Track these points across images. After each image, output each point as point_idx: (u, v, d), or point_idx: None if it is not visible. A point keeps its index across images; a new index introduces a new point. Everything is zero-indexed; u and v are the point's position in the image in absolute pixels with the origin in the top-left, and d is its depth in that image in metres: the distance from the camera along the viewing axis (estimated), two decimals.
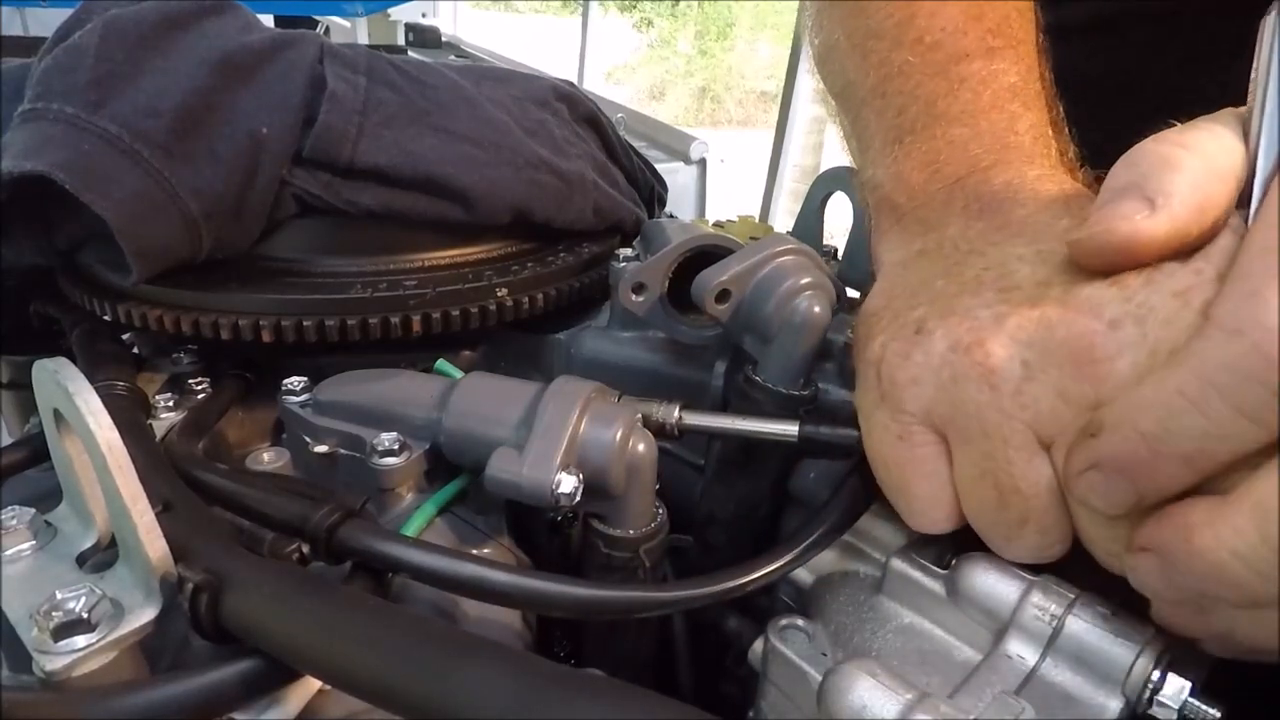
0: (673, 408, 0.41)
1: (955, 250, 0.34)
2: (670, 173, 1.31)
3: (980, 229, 0.34)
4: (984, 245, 0.33)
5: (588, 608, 0.32)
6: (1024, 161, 0.36)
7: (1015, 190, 0.34)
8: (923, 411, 0.31)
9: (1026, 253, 0.31)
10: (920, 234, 0.37)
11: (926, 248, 0.36)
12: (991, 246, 0.33)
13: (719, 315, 0.41)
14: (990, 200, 0.35)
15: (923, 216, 0.37)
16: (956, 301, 0.31)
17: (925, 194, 0.38)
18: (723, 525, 0.45)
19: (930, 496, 0.32)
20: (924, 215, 0.37)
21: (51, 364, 0.28)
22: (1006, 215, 0.34)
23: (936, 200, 0.37)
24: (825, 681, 0.29)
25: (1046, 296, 0.29)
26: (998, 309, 0.30)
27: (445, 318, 0.49)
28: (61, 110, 0.44)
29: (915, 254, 0.36)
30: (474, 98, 0.54)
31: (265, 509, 0.35)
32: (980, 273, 0.32)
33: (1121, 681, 0.29)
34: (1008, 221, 0.33)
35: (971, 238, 0.34)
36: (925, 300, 0.33)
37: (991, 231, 0.33)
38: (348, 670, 0.26)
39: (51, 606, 0.27)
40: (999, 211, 0.34)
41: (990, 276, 0.31)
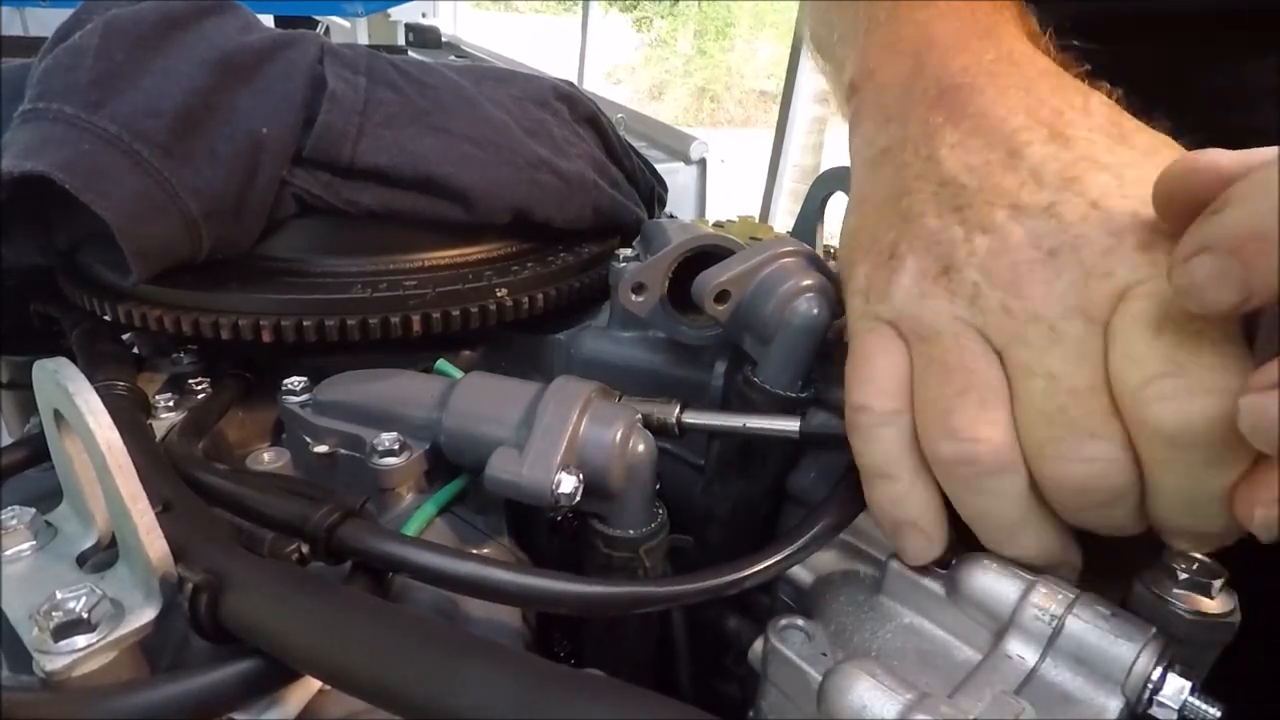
0: (673, 407, 0.41)
1: (916, 156, 0.35)
2: (670, 173, 1.31)
3: (939, 124, 0.35)
4: (941, 148, 0.34)
5: (587, 604, 0.32)
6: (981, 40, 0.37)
7: (973, 76, 0.36)
8: (893, 318, 0.34)
9: (977, 163, 0.33)
10: (883, 125, 0.38)
11: (890, 145, 0.37)
12: (948, 152, 0.34)
13: (718, 315, 0.41)
14: (949, 87, 0.36)
15: (884, 103, 0.39)
16: (921, 224, 0.34)
17: (886, 77, 0.39)
18: (722, 524, 0.45)
19: (885, 370, 0.33)
20: (885, 102, 0.39)
21: (51, 364, 0.28)
22: (965, 106, 0.35)
23: (896, 87, 0.38)
24: (825, 681, 0.29)
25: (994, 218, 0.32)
26: (953, 232, 0.33)
27: (445, 318, 0.49)
28: (61, 110, 0.44)
29: (880, 153, 0.38)
30: (474, 98, 0.54)
31: (265, 509, 0.35)
32: (938, 189, 0.34)
33: (1121, 681, 0.29)
34: (965, 113, 0.35)
35: (931, 135, 0.35)
36: (895, 222, 0.35)
37: (949, 128, 0.35)
38: (348, 670, 0.26)
39: (51, 606, 0.27)
40: (956, 100, 0.35)
41: (947, 194, 0.33)
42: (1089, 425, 0.28)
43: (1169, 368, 0.26)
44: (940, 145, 0.34)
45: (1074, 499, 0.30)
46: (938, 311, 0.32)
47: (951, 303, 0.32)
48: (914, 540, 0.34)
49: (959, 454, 0.30)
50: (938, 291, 0.32)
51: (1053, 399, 0.29)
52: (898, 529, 0.34)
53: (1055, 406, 0.29)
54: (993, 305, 0.31)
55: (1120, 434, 0.28)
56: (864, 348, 0.34)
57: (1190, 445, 0.26)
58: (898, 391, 0.33)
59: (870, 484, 0.34)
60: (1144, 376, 0.27)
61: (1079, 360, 0.28)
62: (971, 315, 0.31)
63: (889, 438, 0.33)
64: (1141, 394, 0.27)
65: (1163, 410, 0.26)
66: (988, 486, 0.31)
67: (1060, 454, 0.29)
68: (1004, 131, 0.33)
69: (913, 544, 0.34)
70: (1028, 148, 0.32)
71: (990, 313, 0.31)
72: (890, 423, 0.33)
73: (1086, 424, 0.28)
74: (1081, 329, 0.29)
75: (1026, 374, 0.29)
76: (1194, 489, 0.28)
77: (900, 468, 0.33)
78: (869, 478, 0.34)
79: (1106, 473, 0.28)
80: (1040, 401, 0.29)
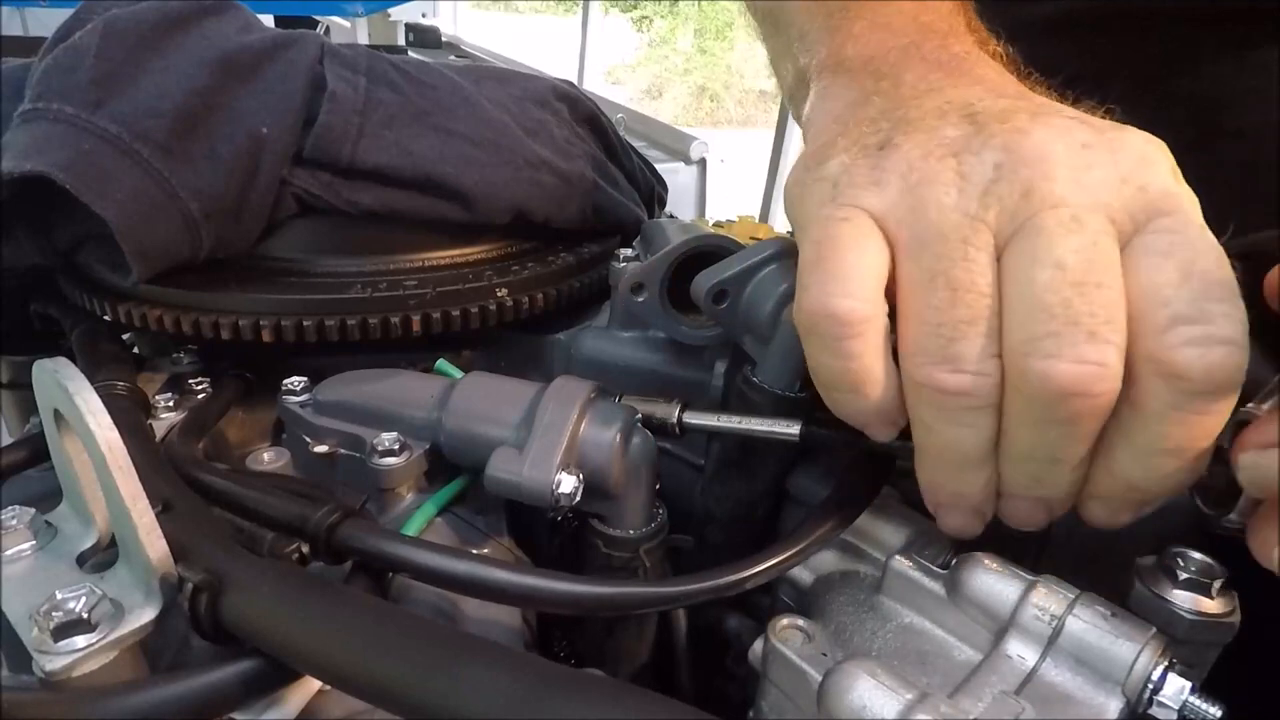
0: (673, 408, 0.41)
1: (914, 91, 0.33)
2: (670, 173, 1.31)
3: (939, 78, 0.33)
4: (946, 88, 0.32)
5: (587, 604, 0.32)
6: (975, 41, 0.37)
7: (975, 59, 0.34)
8: (879, 212, 0.30)
9: (987, 95, 0.31)
10: (874, 81, 0.35)
11: (881, 88, 0.34)
12: (952, 88, 0.32)
13: (716, 315, 0.41)
14: (949, 60, 0.34)
15: (875, 68, 0.36)
16: (922, 123, 0.30)
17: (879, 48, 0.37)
18: (722, 525, 0.45)
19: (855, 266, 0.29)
20: (877, 67, 0.36)
21: (51, 364, 0.28)
22: (969, 72, 0.33)
23: (891, 55, 0.36)
24: (825, 681, 0.29)
25: (1015, 116, 0.29)
26: (965, 128, 0.29)
27: (445, 318, 0.49)
28: (61, 110, 0.44)
29: (867, 94, 0.35)
30: (474, 98, 0.54)
31: (265, 509, 0.35)
32: (943, 104, 0.31)
33: (1121, 681, 0.29)
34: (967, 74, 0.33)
35: (930, 83, 0.33)
36: (888, 125, 0.31)
37: (948, 79, 0.33)
38: (348, 670, 0.26)
39: (51, 606, 0.27)
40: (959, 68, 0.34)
41: (953, 108, 0.31)
42: (1090, 325, 0.26)
43: (1196, 313, 0.26)
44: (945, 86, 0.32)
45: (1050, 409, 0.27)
46: (944, 206, 0.28)
47: (961, 192, 0.28)
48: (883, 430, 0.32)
49: (958, 385, 0.28)
50: (944, 174, 0.28)
51: (1057, 292, 0.26)
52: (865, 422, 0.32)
53: (1059, 300, 0.26)
54: (1013, 189, 0.27)
55: (1120, 348, 0.26)
56: (833, 237, 0.30)
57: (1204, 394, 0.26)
58: (871, 295, 0.29)
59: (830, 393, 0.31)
60: (1171, 317, 0.26)
61: (1093, 255, 0.26)
62: (984, 208, 0.28)
63: (859, 352, 0.29)
64: (1168, 335, 0.26)
65: (1188, 355, 0.25)
66: (971, 420, 0.28)
67: (1054, 351, 0.26)
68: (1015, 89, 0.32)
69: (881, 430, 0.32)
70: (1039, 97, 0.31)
71: (1007, 198, 0.28)
72: (859, 334, 0.29)
73: (1088, 324, 0.26)
74: (1104, 226, 0.27)
75: (1031, 263, 0.27)
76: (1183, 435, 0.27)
77: (871, 384, 0.30)
78: (829, 388, 0.31)
79: (1101, 378, 0.26)
80: (1042, 293, 0.26)
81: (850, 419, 0.32)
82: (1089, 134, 0.28)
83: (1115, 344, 0.26)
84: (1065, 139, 0.28)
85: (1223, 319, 0.26)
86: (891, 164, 0.30)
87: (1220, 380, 0.26)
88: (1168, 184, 0.28)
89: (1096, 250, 0.27)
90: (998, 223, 0.28)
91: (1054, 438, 0.28)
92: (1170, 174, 0.28)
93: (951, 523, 0.32)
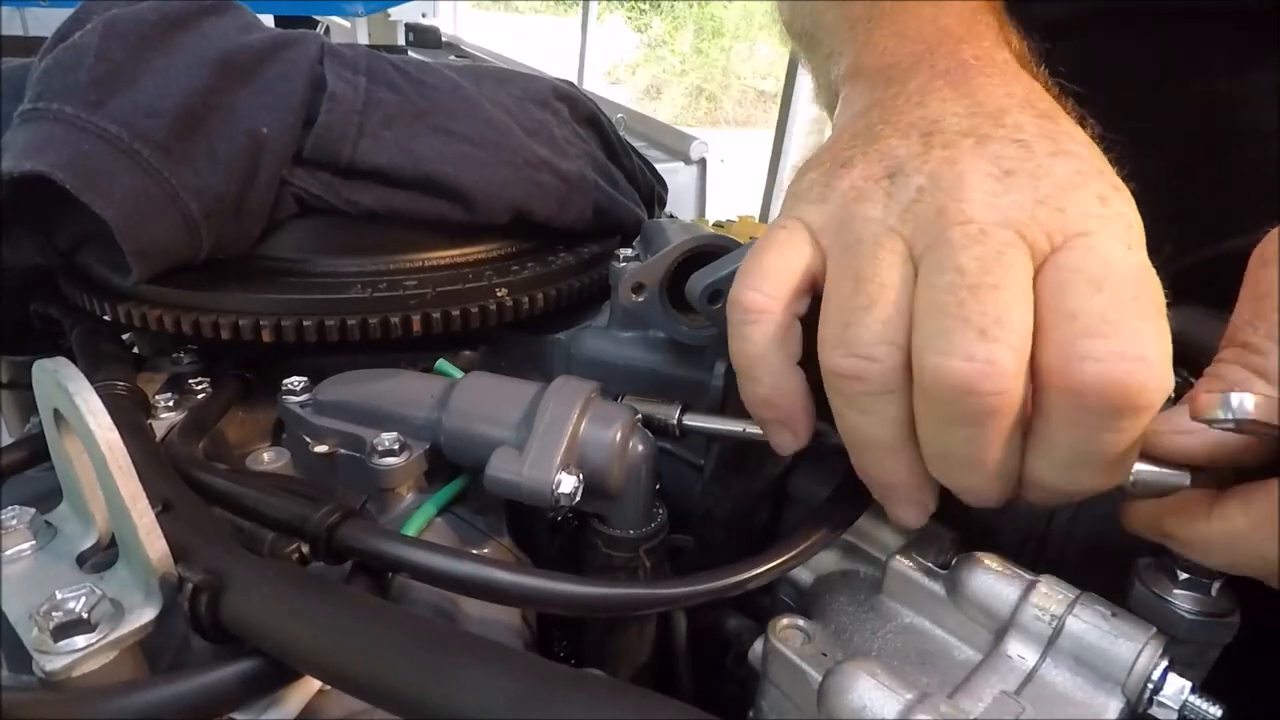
0: (674, 409, 0.41)
1: (906, 102, 0.35)
2: (670, 173, 1.31)
3: (939, 86, 0.35)
4: (932, 100, 0.34)
5: (588, 605, 0.32)
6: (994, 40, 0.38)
7: (984, 64, 0.35)
8: (817, 225, 0.33)
9: (962, 110, 0.33)
10: (883, 87, 0.38)
11: (883, 98, 0.37)
12: (939, 102, 0.34)
13: (711, 315, 0.41)
14: (957, 66, 0.36)
15: (889, 75, 0.38)
16: (884, 142, 0.33)
17: (895, 55, 0.39)
18: (722, 525, 0.45)
19: (771, 265, 0.33)
20: (891, 74, 0.38)
21: (51, 364, 0.28)
22: (969, 81, 0.34)
23: (905, 62, 0.38)
24: (825, 681, 0.29)
25: (960, 143, 0.31)
26: (914, 148, 0.32)
27: (445, 318, 0.49)
28: (61, 110, 0.44)
29: (871, 103, 0.37)
30: (474, 98, 0.54)
31: (265, 509, 0.35)
32: (916, 120, 0.33)
33: (1122, 681, 0.29)
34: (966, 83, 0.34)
35: (927, 91, 0.35)
36: (860, 142, 0.34)
37: (947, 89, 0.34)
38: (348, 670, 0.26)
39: (51, 606, 0.27)
40: (963, 75, 0.35)
41: (922, 124, 0.33)
42: (981, 323, 0.27)
43: (1103, 326, 0.26)
44: (933, 99, 0.34)
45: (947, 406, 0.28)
46: (867, 218, 0.31)
47: (885, 208, 0.31)
48: (779, 435, 0.35)
49: (851, 369, 0.30)
50: (875, 194, 0.31)
51: (954, 293, 0.27)
52: (763, 424, 0.35)
53: (954, 300, 0.27)
54: (928, 208, 0.30)
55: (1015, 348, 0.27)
56: (766, 242, 0.34)
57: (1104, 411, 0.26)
58: (777, 291, 0.32)
59: (738, 380, 0.34)
60: (1075, 332, 0.26)
61: (993, 260, 0.27)
62: (901, 222, 0.30)
63: (753, 337, 0.33)
64: (1070, 347, 0.26)
65: (1088, 370, 0.26)
66: (870, 405, 0.30)
67: (944, 348, 0.27)
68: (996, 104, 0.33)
69: (777, 438, 0.35)
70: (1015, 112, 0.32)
71: (922, 216, 0.30)
72: (755, 321, 0.32)
73: (979, 321, 0.27)
74: (1011, 239, 0.28)
75: (936, 269, 0.28)
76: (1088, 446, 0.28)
77: (761, 369, 0.33)
78: (737, 373, 0.34)
79: (988, 377, 0.27)
80: (940, 294, 0.28)
81: (753, 413, 0.35)
82: (1018, 161, 0.30)
83: (1007, 343, 0.27)
84: (990, 166, 0.30)
85: (1132, 335, 0.26)
86: (839, 183, 0.33)
87: (1120, 398, 0.26)
88: (1089, 208, 0.28)
89: (998, 258, 0.28)
90: (913, 236, 0.30)
91: (963, 438, 0.29)
92: (1095, 200, 0.29)
93: (897, 513, 0.34)
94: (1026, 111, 0.32)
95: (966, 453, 0.29)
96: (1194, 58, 0.53)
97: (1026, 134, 0.31)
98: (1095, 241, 0.27)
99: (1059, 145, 0.30)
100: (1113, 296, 0.26)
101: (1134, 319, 0.26)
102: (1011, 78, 0.35)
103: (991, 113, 0.32)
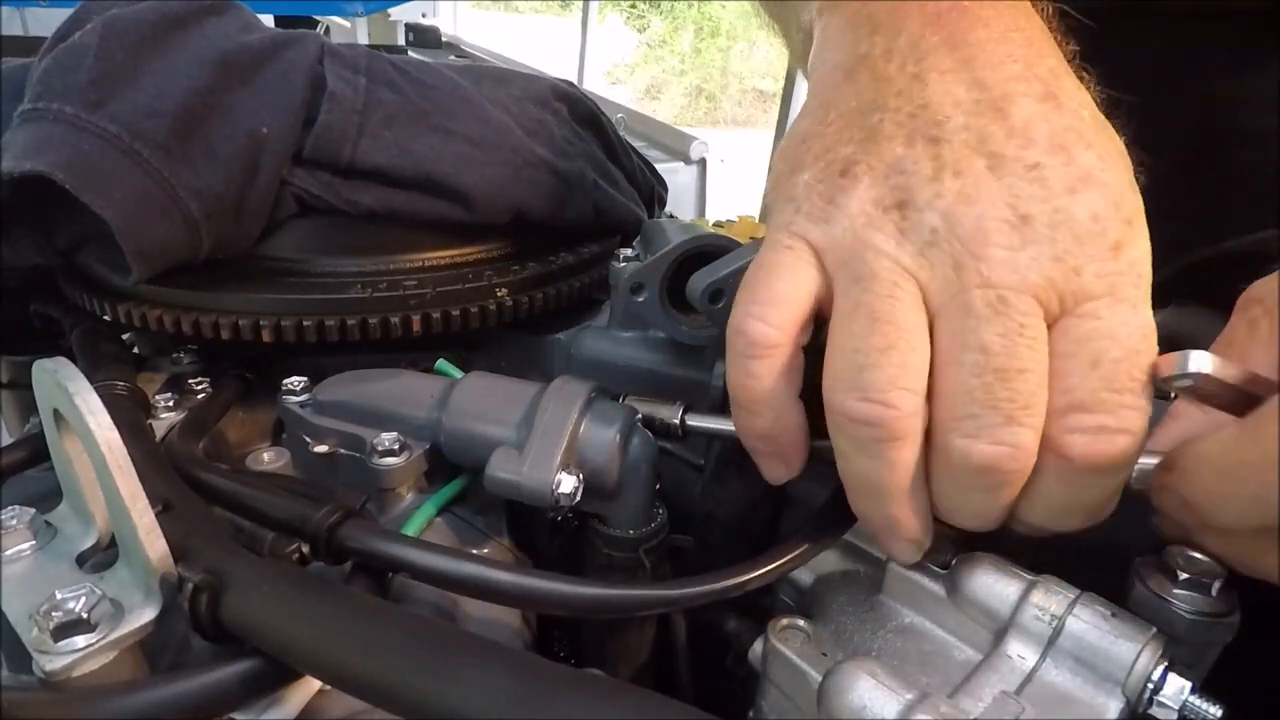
0: (676, 409, 0.41)
1: (900, 71, 0.32)
2: (670, 173, 1.31)
3: (933, 44, 0.32)
4: (930, 73, 0.31)
5: (588, 606, 0.32)
6: None
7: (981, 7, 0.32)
8: (822, 246, 0.31)
9: (966, 99, 0.30)
10: (868, 34, 0.34)
11: (872, 53, 0.33)
12: (937, 77, 0.31)
13: (712, 315, 0.41)
14: (950, 8, 0.32)
15: (871, 13, 0.34)
16: (888, 147, 0.31)
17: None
18: (722, 525, 0.45)
19: (779, 293, 0.31)
20: (873, 11, 0.34)
21: (51, 364, 0.28)
22: (965, 33, 0.32)
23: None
24: (825, 681, 0.29)
25: (972, 167, 0.29)
26: (922, 167, 0.30)
27: (445, 318, 0.49)
28: (61, 110, 0.44)
29: (859, 59, 0.33)
30: (474, 98, 0.54)
31: (265, 509, 0.35)
32: (917, 110, 0.31)
33: (1122, 681, 0.29)
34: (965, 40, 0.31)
35: (921, 53, 0.32)
36: (859, 137, 0.31)
37: (943, 51, 0.31)
38: (348, 670, 0.26)
39: (51, 606, 0.27)
40: (958, 24, 0.32)
41: (926, 123, 0.30)
42: (1008, 410, 0.27)
43: (1093, 402, 0.27)
44: (930, 68, 0.31)
45: (969, 479, 0.29)
46: (880, 251, 0.29)
47: (899, 245, 0.29)
48: (773, 468, 0.34)
49: (865, 415, 0.29)
50: (887, 227, 0.30)
51: (980, 376, 0.27)
52: (757, 455, 0.35)
53: (981, 384, 0.27)
54: (944, 259, 0.29)
55: (1036, 430, 0.28)
56: (769, 263, 0.32)
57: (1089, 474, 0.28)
58: (787, 322, 0.31)
59: (734, 409, 0.33)
60: (1069, 404, 0.28)
61: (1015, 340, 0.27)
62: (917, 266, 0.29)
63: (758, 373, 0.31)
64: (1063, 420, 0.28)
65: (1076, 442, 0.28)
66: (880, 452, 0.29)
67: (974, 432, 0.28)
68: (999, 75, 0.30)
69: (771, 470, 0.35)
70: (1020, 99, 0.30)
71: (939, 266, 0.29)
72: (762, 357, 0.31)
73: (1007, 408, 0.27)
74: (1030, 308, 0.28)
75: (959, 343, 0.28)
76: (1074, 499, 0.30)
77: (763, 406, 0.32)
78: (733, 403, 0.33)
79: (1013, 459, 0.28)
80: (967, 375, 0.28)
81: (746, 442, 0.34)
82: (1035, 203, 0.28)
83: (1031, 427, 0.28)
84: (1007, 210, 0.28)
85: (1121, 411, 0.27)
86: (844, 202, 0.31)
87: (1104, 465, 0.28)
88: (1104, 264, 0.28)
89: (1021, 335, 0.28)
90: (929, 284, 0.29)
91: (977, 500, 0.30)
92: (1109, 252, 0.28)
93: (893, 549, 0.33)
94: (1031, 93, 0.30)
95: (976, 509, 0.31)
96: (1193, 58, 0.53)
97: (1038, 148, 0.29)
98: (1103, 309, 0.28)
99: (1073, 165, 0.29)
100: (1107, 374, 0.27)
101: (1123, 396, 0.27)
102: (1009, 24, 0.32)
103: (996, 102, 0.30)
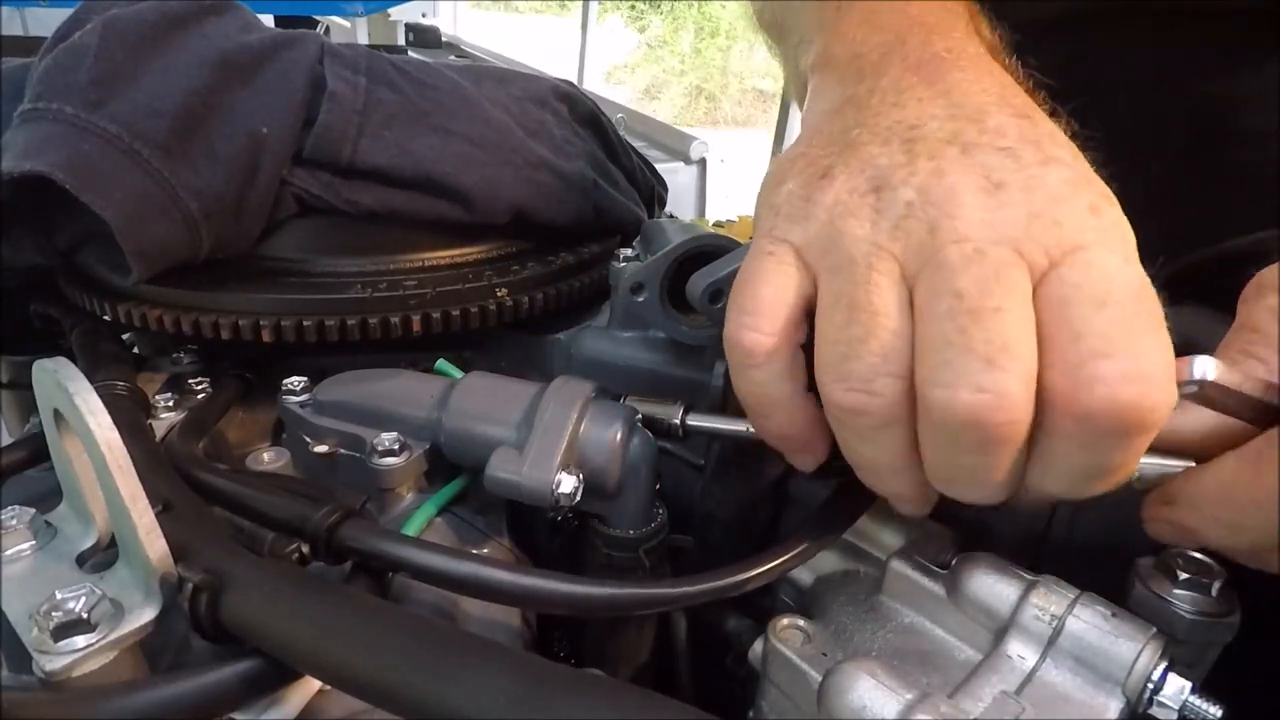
0: (677, 409, 0.41)
1: (882, 102, 0.33)
2: (670, 173, 1.31)
3: (913, 82, 0.33)
4: (909, 100, 0.33)
5: (588, 605, 0.32)
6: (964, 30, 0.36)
7: (956, 56, 0.34)
8: (802, 244, 0.32)
9: (943, 114, 0.31)
10: (855, 82, 0.36)
11: (857, 95, 0.35)
12: (916, 102, 0.32)
13: (712, 315, 0.41)
14: (930, 59, 0.34)
15: (859, 67, 0.36)
16: (864, 150, 0.32)
17: (864, 45, 0.37)
18: (722, 525, 0.45)
19: (766, 299, 0.32)
20: (860, 66, 0.36)
21: (51, 364, 0.28)
22: (944, 77, 0.33)
23: (875, 53, 0.36)
24: (825, 681, 0.29)
25: (945, 152, 0.30)
26: (895, 158, 0.30)
27: (445, 318, 0.49)
28: (61, 110, 0.44)
29: (845, 100, 0.35)
30: (474, 98, 0.54)
31: (265, 509, 0.35)
32: (894, 124, 0.32)
33: (1122, 681, 0.29)
34: (941, 79, 0.33)
35: (901, 89, 0.33)
36: (838, 149, 0.33)
37: (922, 87, 0.33)
38: (348, 670, 0.26)
39: (51, 606, 0.27)
40: (936, 70, 0.33)
41: (902, 129, 0.31)
42: (986, 351, 0.26)
43: (1109, 349, 0.25)
44: (910, 98, 0.33)
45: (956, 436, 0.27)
46: (855, 236, 0.30)
47: (874, 225, 0.29)
48: (800, 460, 0.35)
49: (852, 404, 0.29)
50: (862, 210, 0.30)
51: (954, 319, 0.26)
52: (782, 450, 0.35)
53: (955, 327, 0.26)
54: (919, 225, 0.28)
55: (1022, 375, 0.26)
56: (754, 271, 0.32)
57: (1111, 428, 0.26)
58: (778, 327, 0.31)
59: (749, 416, 0.34)
60: (1081, 353, 0.26)
61: (992, 282, 0.26)
62: (892, 240, 0.29)
63: (757, 379, 0.32)
64: (1079, 372, 0.26)
65: (1097, 393, 0.25)
66: (873, 436, 0.30)
67: (951, 380, 0.26)
68: (975, 104, 0.32)
69: (798, 462, 0.35)
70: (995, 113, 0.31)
71: (914, 234, 0.28)
72: (763, 364, 0.32)
73: (984, 350, 0.26)
74: (1009, 257, 0.27)
75: (933, 295, 0.27)
76: (1095, 461, 0.27)
77: (774, 409, 0.33)
78: (746, 410, 0.34)
79: (999, 408, 0.26)
80: (941, 322, 0.27)
81: (769, 443, 0.35)
82: (1008, 171, 0.28)
83: (1014, 371, 0.26)
84: (980, 179, 0.28)
85: (1137, 355, 0.25)
86: (821, 198, 0.31)
87: (1130, 420, 0.25)
88: (1084, 220, 0.28)
89: (997, 279, 0.27)
90: (904, 254, 0.29)
91: (971, 463, 0.28)
92: (1087, 210, 0.28)
93: (903, 510, 0.34)
94: (1005, 111, 0.31)
95: (973, 474, 0.29)
96: (1189, 58, 0.53)
97: (1010, 139, 0.30)
98: (1093, 256, 0.27)
99: (1045, 151, 0.29)
100: (1116, 314, 0.26)
101: (1138, 337, 0.25)
102: (984, 71, 0.34)
103: (971, 114, 0.31)
